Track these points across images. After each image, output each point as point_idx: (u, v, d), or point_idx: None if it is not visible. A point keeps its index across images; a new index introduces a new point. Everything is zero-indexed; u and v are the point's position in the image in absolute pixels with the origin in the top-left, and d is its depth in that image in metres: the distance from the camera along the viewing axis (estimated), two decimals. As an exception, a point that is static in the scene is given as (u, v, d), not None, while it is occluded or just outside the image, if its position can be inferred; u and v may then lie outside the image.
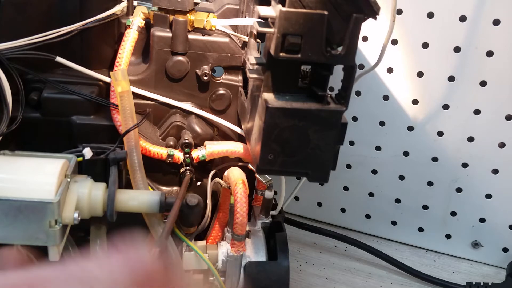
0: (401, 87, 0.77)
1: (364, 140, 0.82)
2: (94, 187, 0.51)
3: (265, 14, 0.45)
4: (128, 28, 0.57)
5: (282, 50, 0.44)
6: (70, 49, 0.57)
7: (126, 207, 0.52)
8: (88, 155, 0.51)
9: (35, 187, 0.47)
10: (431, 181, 0.82)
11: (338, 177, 0.86)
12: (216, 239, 0.62)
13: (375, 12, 0.42)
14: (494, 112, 0.75)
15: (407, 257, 0.85)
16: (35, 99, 0.56)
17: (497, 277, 0.82)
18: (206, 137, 0.61)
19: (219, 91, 0.60)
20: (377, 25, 0.62)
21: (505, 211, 0.80)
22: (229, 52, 0.59)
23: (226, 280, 0.58)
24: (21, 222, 0.46)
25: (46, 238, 0.47)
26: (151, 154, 0.58)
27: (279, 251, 0.59)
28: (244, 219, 0.56)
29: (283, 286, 0.58)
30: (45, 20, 0.56)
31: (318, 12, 0.43)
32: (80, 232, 0.55)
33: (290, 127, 0.47)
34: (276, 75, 0.47)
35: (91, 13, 0.57)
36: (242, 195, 0.55)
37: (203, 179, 0.62)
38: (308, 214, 0.90)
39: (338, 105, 0.47)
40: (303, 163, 0.48)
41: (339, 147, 0.50)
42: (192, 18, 0.58)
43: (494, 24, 0.70)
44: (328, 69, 0.46)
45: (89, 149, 0.51)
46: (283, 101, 0.47)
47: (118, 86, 0.53)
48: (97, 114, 0.58)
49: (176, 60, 0.58)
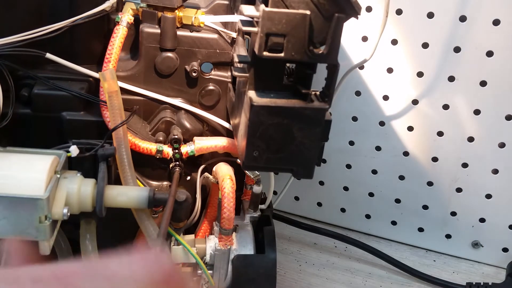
0: (401, 87, 0.77)
1: (364, 140, 0.82)
2: (83, 183, 0.52)
3: (248, 13, 0.45)
4: (117, 25, 0.58)
5: (266, 49, 0.44)
6: (60, 45, 0.58)
7: (115, 203, 0.53)
8: (74, 153, 0.51)
9: (25, 183, 0.48)
10: (431, 181, 0.82)
11: (338, 177, 0.86)
12: (205, 233, 0.63)
13: (357, 11, 0.43)
14: (494, 112, 0.75)
15: (407, 257, 0.85)
16: (25, 95, 0.57)
17: (497, 277, 0.82)
18: (195, 132, 0.61)
19: (209, 87, 0.61)
20: (377, 25, 0.63)
21: (505, 211, 0.80)
22: (218, 48, 0.60)
23: (214, 274, 0.59)
24: (12, 218, 0.47)
25: (36, 233, 0.48)
26: (141, 149, 0.59)
27: (267, 245, 0.60)
28: (231, 214, 0.57)
29: (270, 278, 0.59)
30: (35, 17, 0.57)
31: (301, 12, 0.43)
32: (70, 226, 0.56)
33: (275, 124, 0.47)
34: (261, 73, 0.48)
35: (81, 9, 0.57)
36: (229, 190, 0.56)
37: (192, 174, 0.63)
38: (308, 214, 0.91)
39: (322, 103, 0.47)
40: (288, 160, 0.49)
41: (324, 144, 0.51)
42: (180, 14, 0.58)
43: (494, 24, 0.70)
44: (312, 67, 0.47)
45: (75, 147, 0.52)
46: (267, 98, 0.47)
47: (107, 86, 0.54)
48: (87, 110, 0.58)
49: (165, 56, 0.59)
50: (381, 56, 0.75)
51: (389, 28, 0.73)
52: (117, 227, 0.59)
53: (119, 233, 0.61)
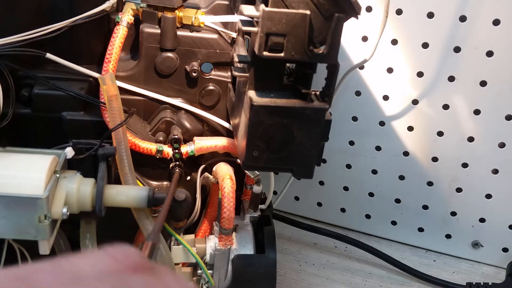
0: (401, 87, 0.77)
1: (364, 140, 0.82)
2: (83, 183, 0.52)
3: (248, 13, 0.45)
4: (117, 25, 0.58)
5: (266, 49, 0.44)
6: (60, 45, 0.58)
7: (114, 202, 0.53)
8: (70, 155, 0.51)
9: (25, 183, 0.48)
10: (431, 181, 0.82)
11: (338, 177, 0.86)
12: (205, 233, 0.63)
13: (357, 11, 0.43)
14: (494, 112, 0.75)
15: (407, 257, 0.85)
16: (26, 95, 0.57)
17: (497, 277, 0.82)
18: (195, 132, 0.61)
19: (209, 87, 0.61)
20: (377, 25, 0.63)
21: (505, 211, 0.80)
22: (218, 48, 0.60)
23: (214, 273, 0.59)
24: (11, 217, 0.47)
25: (36, 232, 0.48)
26: (141, 149, 0.59)
27: (267, 245, 0.60)
28: (231, 214, 0.57)
29: (270, 278, 0.59)
30: (35, 17, 0.57)
31: (301, 12, 0.43)
32: (70, 226, 0.56)
33: (275, 124, 0.47)
34: (261, 73, 0.48)
35: (81, 9, 0.58)
36: (229, 190, 0.56)
37: (192, 174, 0.63)
38: (308, 214, 0.91)
39: (321, 103, 0.47)
40: (288, 160, 0.49)
41: (324, 144, 0.51)
42: (180, 14, 0.59)
43: (494, 24, 0.70)
44: (312, 67, 0.47)
45: (70, 149, 0.52)
46: (267, 98, 0.47)
47: (106, 90, 0.54)
48: (87, 110, 0.58)
49: (165, 56, 0.59)
50: (381, 56, 0.75)
51: (389, 28, 0.74)
52: (117, 226, 0.59)
53: (119, 233, 0.61)
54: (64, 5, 0.58)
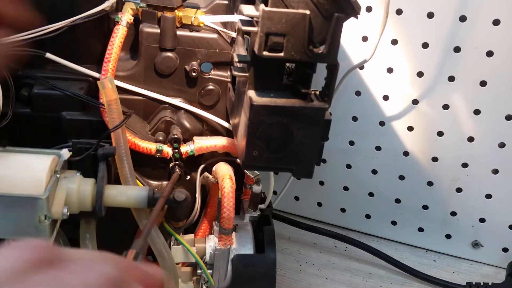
0: (401, 87, 0.77)
1: (364, 140, 0.82)
2: (83, 183, 0.52)
3: (248, 13, 0.45)
4: (117, 25, 0.58)
5: (265, 48, 0.44)
6: (60, 45, 0.58)
7: (114, 202, 0.53)
8: (66, 156, 0.51)
9: (25, 183, 0.48)
10: (431, 181, 0.82)
11: (338, 177, 0.86)
12: (205, 232, 0.63)
13: (356, 11, 0.43)
14: (494, 112, 0.74)
15: (407, 257, 0.85)
16: (25, 95, 0.57)
17: (497, 277, 0.82)
18: (195, 132, 0.61)
19: (208, 86, 0.61)
20: (377, 25, 0.63)
21: (505, 211, 0.80)
22: (218, 48, 0.60)
23: (214, 273, 0.59)
24: (11, 217, 0.47)
25: (36, 232, 0.48)
26: (141, 149, 0.59)
27: (266, 244, 0.60)
28: (231, 214, 0.57)
29: (270, 278, 0.59)
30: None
31: (300, 12, 0.43)
32: (70, 226, 0.56)
33: (275, 124, 0.47)
34: (261, 72, 0.48)
35: (81, 9, 0.57)
36: (229, 190, 0.56)
37: (192, 174, 0.63)
38: (308, 214, 0.91)
39: (321, 103, 0.47)
40: (287, 159, 0.49)
41: (324, 143, 0.51)
42: (180, 14, 0.58)
43: (494, 24, 0.70)
44: (311, 67, 0.47)
45: (66, 150, 0.52)
46: (267, 98, 0.47)
47: (106, 95, 0.54)
48: (87, 110, 0.58)
49: (164, 56, 0.59)
50: (381, 56, 0.75)
51: (389, 28, 0.73)
52: (117, 226, 0.59)
53: (119, 233, 0.61)
54: (64, 4, 0.58)
